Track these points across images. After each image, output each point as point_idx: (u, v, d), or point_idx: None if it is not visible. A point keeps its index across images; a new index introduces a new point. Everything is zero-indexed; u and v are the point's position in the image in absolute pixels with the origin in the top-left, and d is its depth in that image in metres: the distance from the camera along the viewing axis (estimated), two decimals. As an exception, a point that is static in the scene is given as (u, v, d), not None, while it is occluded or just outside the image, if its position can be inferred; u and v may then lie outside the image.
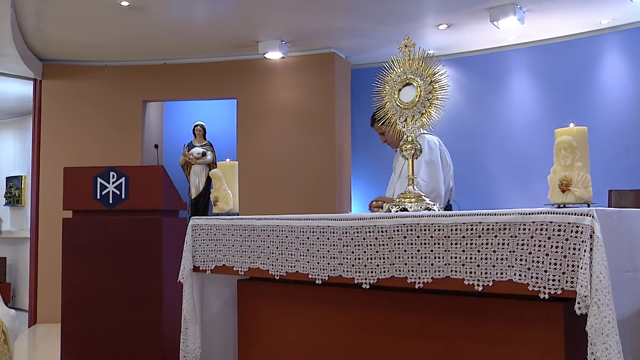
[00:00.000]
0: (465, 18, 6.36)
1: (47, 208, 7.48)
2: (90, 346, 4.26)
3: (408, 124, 3.26)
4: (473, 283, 2.42)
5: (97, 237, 4.40)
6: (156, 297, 4.29)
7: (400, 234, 2.62)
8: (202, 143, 7.97)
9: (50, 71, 7.69)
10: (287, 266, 3.05)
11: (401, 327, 2.81)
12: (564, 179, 2.31)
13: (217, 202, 3.49)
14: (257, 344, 3.39)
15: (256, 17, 6.32)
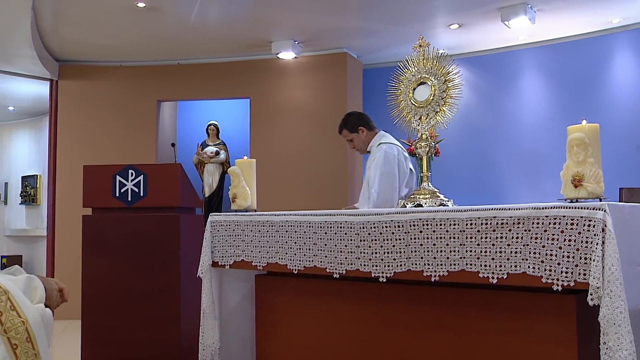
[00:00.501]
0: (476, 18, 6.41)
1: (64, 206, 7.59)
2: (110, 340, 4.34)
3: (423, 122, 3.34)
4: (488, 276, 2.49)
5: (116, 234, 4.48)
6: (174, 292, 4.36)
7: (417, 228, 2.69)
8: (215, 142, 8.06)
9: (66, 71, 7.80)
10: (305, 261, 3.12)
11: (416, 320, 2.88)
12: (577, 175, 2.38)
13: (236, 199, 3.57)
14: (274, 337, 3.47)
15: (269, 18, 6.40)
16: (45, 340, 1.90)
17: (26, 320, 1.83)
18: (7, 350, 1.76)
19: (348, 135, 4.46)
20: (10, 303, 1.81)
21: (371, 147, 4.42)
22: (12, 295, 1.82)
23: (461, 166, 7.32)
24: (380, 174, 4.19)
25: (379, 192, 4.16)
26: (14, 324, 1.80)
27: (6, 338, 1.77)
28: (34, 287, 2.00)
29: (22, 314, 1.82)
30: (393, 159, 4.25)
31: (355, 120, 4.48)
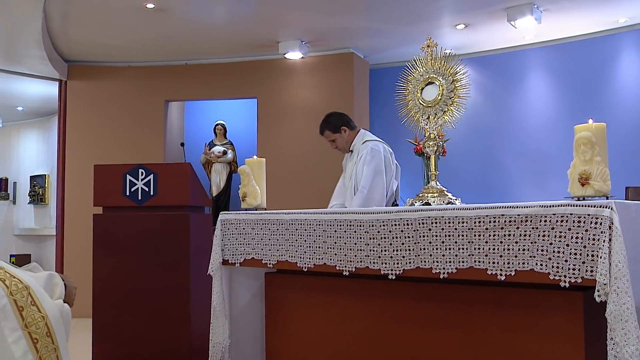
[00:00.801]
0: (482, 18, 6.44)
1: (73, 205, 7.65)
2: (120, 338, 4.38)
3: (431, 122, 3.38)
4: (496, 273, 2.53)
5: (126, 232, 4.52)
6: (184, 290, 4.41)
7: (425, 226, 2.73)
8: (222, 142, 8.11)
9: (75, 72, 7.86)
10: (314, 258, 3.16)
11: (425, 317, 2.92)
12: (584, 173, 2.42)
13: (246, 198, 3.61)
14: (284, 334, 3.51)
15: (276, 18, 6.45)
16: (64, 335, 1.95)
17: (46, 315, 1.87)
18: (28, 344, 1.81)
19: (331, 136, 4.54)
20: (31, 298, 1.85)
21: (354, 146, 4.54)
22: (32, 290, 1.87)
23: (467, 165, 7.35)
24: (369, 170, 4.32)
25: (368, 187, 4.29)
26: (35, 319, 1.84)
27: (27, 333, 1.82)
28: (55, 284, 2.05)
29: (42, 309, 1.87)
30: (380, 155, 4.41)
31: (337, 120, 4.55)
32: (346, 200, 4.52)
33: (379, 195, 4.30)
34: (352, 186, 4.45)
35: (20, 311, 1.82)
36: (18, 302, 1.82)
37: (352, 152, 4.57)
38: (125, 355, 4.39)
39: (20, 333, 1.80)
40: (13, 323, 1.80)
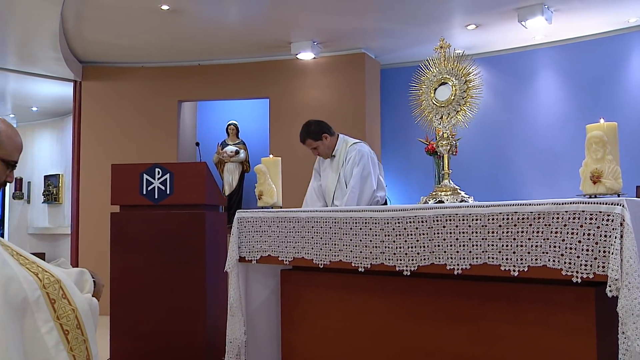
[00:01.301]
0: (493, 18, 6.48)
1: (87, 204, 7.75)
2: (138, 333, 4.45)
3: (444, 122, 3.44)
4: (509, 269, 2.59)
5: (143, 231, 4.59)
6: (200, 287, 4.48)
7: (440, 223, 2.80)
8: (235, 142, 8.19)
9: (89, 73, 7.96)
10: (330, 255, 3.23)
11: (439, 312, 2.98)
12: (595, 171, 2.48)
13: (262, 196, 3.69)
14: (299, 330, 3.58)
15: (289, 19, 6.51)
16: (92, 327, 2.02)
17: (76, 308, 1.95)
18: (59, 335, 1.88)
19: (313, 144, 4.65)
20: (62, 292, 1.93)
21: (336, 151, 4.68)
22: (63, 284, 1.94)
23: (478, 165, 7.39)
24: (359, 170, 4.47)
25: (360, 187, 4.44)
26: (66, 311, 1.92)
27: (59, 324, 1.89)
28: (85, 280, 2.13)
29: (73, 302, 1.94)
30: (367, 156, 4.56)
31: (317, 128, 4.65)
32: (334, 200, 4.64)
33: (369, 193, 4.47)
34: (339, 188, 4.60)
35: (52, 303, 1.89)
36: (50, 294, 1.89)
37: (333, 157, 4.67)
38: (142, 351, 4.47)
39: (53, 324, 1.88)
40: (46, 315, 1.87)
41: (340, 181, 4.59)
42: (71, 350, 1.91)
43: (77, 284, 2.05)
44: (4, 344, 1.74)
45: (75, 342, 1.94)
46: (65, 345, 1.89)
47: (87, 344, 1.98)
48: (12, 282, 1.82)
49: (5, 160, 2.08)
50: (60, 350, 1.87)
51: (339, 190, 4.60)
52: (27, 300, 1.84)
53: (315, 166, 4.90)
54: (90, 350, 2.00)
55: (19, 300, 1.82)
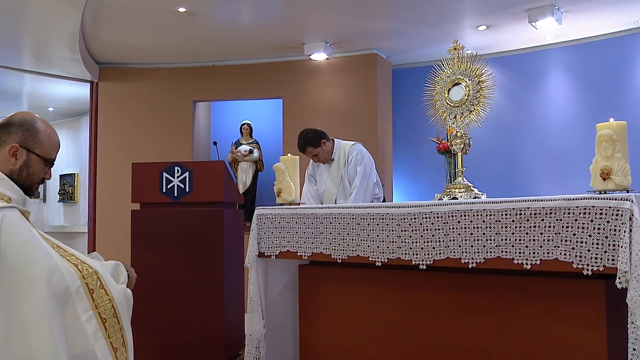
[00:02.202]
0: (504, 19, 6.56)
1: (104, 203, 7.89)
2: (158, 328, 4.56)
3: (457, 121, 3.54)
4: (522, 262, 2.69)
5: (163, 228, 4.71)
6: (218, 283, 4.59)
7: (455, 219, 2.90)
8: (248, 141, 8.30)
9: (106, 73, 8.11)
10: (348, 250, 3.34)
11: (453, 305, 3.08)
12: (605, 168, 2.58)
13: (281, 193, 3.80)
14: (317, 324, 3.68)
15: (302, 21, 6.62)
16: (127, 316, 2.14)
17: (112, 298, 2.07)
18: (98, 323, 2.00)
19: (313, 151, 4.82)
20: (100, 282, 2.04)
21: (335, 154, 4.87)
22: (100, 275, 2.06)
23: (489, 163, 7.47)
24: (362, 168, 4.72)
25: (365, 185, 4.68)
26: (103, 301, 2.03)
27: (97, 313, 2.01)
28: (120, 272, 2.25)
29: (109, 292, 2.06)
30: (367, 155, 4.85)
31: (315, 135, 4.81)
32: (336, 201, 4.82)
33: (371, 190, 4.73)
34: (341, 188, 4.80)
35: (91, 293, 2.01)
36: (89, 285, 2.01)
37: (332, 161, 4.82)
38: (162, 345, 4.58)
39: (92, 313, 1.99)
40: (85, 304, 1.99)
41: (344, 181, 4.79)
42: (109, 337, 2.02)
43: (112, 275, 2.17)
44: (49, 331, 1.86)
45: (112, 329, 2.05)
46: (103, 333, 2.00)
47: (122, 331, 2.10)
48: (55, 272, 1.94)
49: (45, 158, 2.20)
50: (99, 337, 1.99)
51: (342, 190, 4.79)
52: (69, 290, 1.95)
53: (309, 172, 5.07)
54: (125, 338, 2.12)
55: (61, 290, 1.93)
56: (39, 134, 2.20)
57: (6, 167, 2.11)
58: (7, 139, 2.15)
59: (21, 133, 2.16)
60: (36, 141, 2.18)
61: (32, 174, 2.18)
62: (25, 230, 1.96)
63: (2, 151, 2.13)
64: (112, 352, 2.03)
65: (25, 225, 1.99)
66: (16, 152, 2.13)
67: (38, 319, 1.86)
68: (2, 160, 2.12)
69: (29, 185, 2.18)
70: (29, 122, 2.20)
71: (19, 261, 1.88)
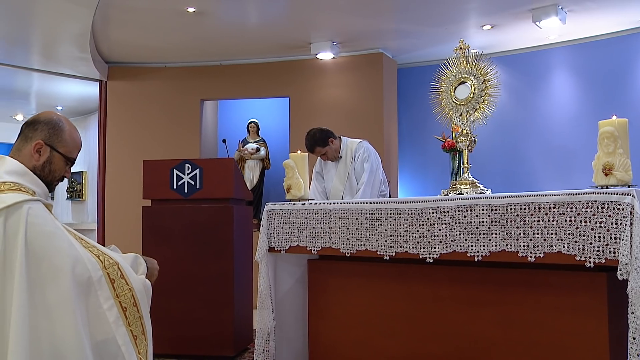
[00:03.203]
0: (508, 19, 6.63)
1: (113, 200, 7.99)
2: (168, 321, 4.65)
3: (463, 119, 3.63)
4: (526, 255, 2.78)
5: (174, 223, 4.82)
6: (228, 277, 4.69)
7: (461, 213, 3.00)
8: (255, 139, 8.38)
9: (115, 73, 8.20)
10: (357, 245, 3.43)
11: (459, 297, 3.18)
12: (607, 164, 2.66)
13: (290, 189, 3.89)
14: (326, 317, 3.77)
15: (308, 20, 6.70)
16: (146, 305, 2.23)
17: (132, 288, 2.16)
18: (119, 311, 2.09)
19: (322, 150, 4.91)
20: (120, 272, 2.14)
21: (342, 152, 4.97)
22: (121, 266, 2.15)
23: (493, 161, 7.54)
24: (369, 165, 4.82)
25: (372, 181, 4.78)
26: (123, 290, 2.13)
27: (118, 302, 2.10)
28: (139, 263, 2.35)
29: (129, 282, 2.16)
30: (373, 151, 4.96)
31: (322, 135, 4.91)
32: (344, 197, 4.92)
33: (377, 186, 4.83)
34: (348, 185, 4.91)
35: (112, 283, 2.10)
36: (110, 275, 2.10)
37: (340, 158, 4.92)
38: (173, 338, 4.68)
39: (113, 302, 2.09)
40: (107, 293, 2.08)
41: (350, 178, 4.88)
42: (129, 325, 2.12)
43: (132, 267, 2.26)
44: (73, 319, 1.95)
45: (132, 318, 2.15)
46: (123, 321, 2.09)
47: (142, 320, 2.19)
48: (79, 262, 2.03)
49: (66, 156, 2.30)
50: (120, 325, 2.08)
51: (349, 187, 4.89)
52: (91, 280, 2.05)
53: (316, 169, 5.16)
54: (145, 326, 2.22)
55: (84, 279, 2.03)
56: (63, 133, 2.29)
57: (30, 162, 2.20)
58: (33, 135, 2.24)
59: (47, 131, 2.26)
60: (60, 140, 2.28)
61: (53, 171, 2.27)
62: (50, 222, 2.04)
63: (27, 147, 2.22)
64: (132, 340, 2.12)
65: (50, 217, 2.08)
66: (40, 149, 2.22)
67: (63, 308, 1.95)
68: (26, 156, 2.21)
69: (49, 182, 2.27)
70: (55, 121, 2.29)
71: (44, 252, 1.97)
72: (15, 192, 2.03)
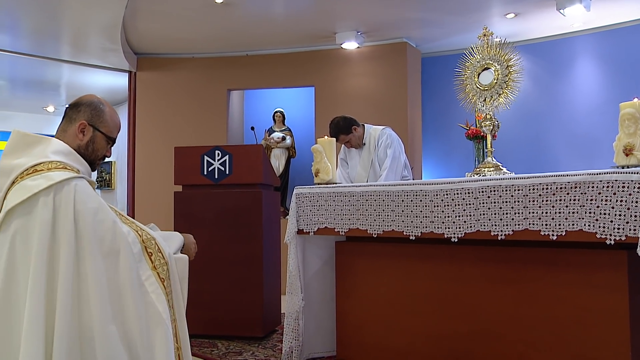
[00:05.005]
0: (532, 7, 6.66)
1: (143, 188, 8.19)
2: (200, 303, 4.78)
3: (487, 104, 3.72)
4: (548, 233, 2.88)
5: (205, 208, 4.96)
6: (257, 260, 4.82)
7: (485, 194, 3.10)
8: (281, 128, 8.51)
9: (143, 63, 8.38)
10: (383, 226, 3.55)
11: (483, 276, 3.28)
12: (628, 145, 2.74)
13: (319, 173, 4.01)
14: (353, 296, 3.90)
15: (333, 10, 6.79)
16: (177, 281, 2.36)
17: (167, 261, 2.30)
18: (157, 282, 2.23)
19: (345, 138, 5.04)
20: (157, 247, 2.28)
21: (366, 139, 5.09)
22: (157, 241, 2.29)
23: (517, 149, 7.57)
24: (392, 151, 4.94)
25: (395, 166, 4.90)
26: (161, 263, 2.27)
27: (156, 273, 2.24)
28: (175, 240, 2.50)
29: (165, 256, 2.29)
30: (396, 138, 5.07)
31: (346, 123, 5.03)
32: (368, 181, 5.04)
33: (400, 171, 4.96)
34: (372, 171, 5.03)
35: (150, 256, 2.24)
36: (148, 248, 2.24)
37: (364, 145, 5.04)
38: (205, 319, 4.83)
39: (151, 273, 2.23)
40: (145, 265, 2.22)
41: (374, 165, 4.99)
42: (167, 294, 2.26)
43: (167, 242, 2.41)
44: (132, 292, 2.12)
45: (169, 289, 2.29)
46: (162, 290, 2.23)
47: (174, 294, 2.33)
48: (121, 236, 2.18)
49: (108, 136, 2.45)
50: (159, 294, 2.22)
51: (372, 174, 5.00)
52: (132, 252, 2.19)
53: (341, 156, 5.28)
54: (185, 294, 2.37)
55: (126, 252, 2.17)
56: (104, 114, 2.44)
57: (74, 142, 2.35)
58: (76, 116, 2.39)
59: (89, 112, 2.41)
60: (102, 120, 2.43)
61: (96, 150, 2.42)
62: (95, 198, 2.18)
63: (72, 128, 2.37)
64: (171, 307, 2.27)
65: (94, 193, 2.22)
66: (84, 129, 2.37)
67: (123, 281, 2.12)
68: (71, 136, 2.36)
69: (92, 160, 2.42)
70: (96, 103, 2.45)
71: (90, 226, 2.10)
72: (61, 170, 2.16)
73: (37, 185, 2.07)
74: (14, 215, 2.07)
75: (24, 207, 2.06)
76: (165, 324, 2.18)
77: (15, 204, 2.06)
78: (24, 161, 2.17)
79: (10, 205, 2.07)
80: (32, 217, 2.05)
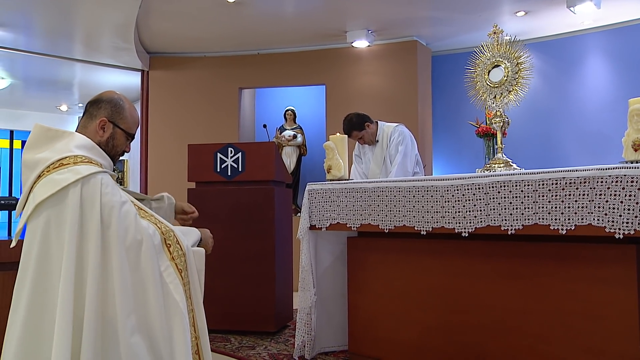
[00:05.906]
0: (542, 5, 6.68)
1: (156, 185, 8.27)
2: (213, 299, 4.81)
3: (497, 101, 3.76)
4: (557, 228, 2.92)
5: (218, 205, 5.02)
6: (269, 256, 4.88)
7: (495, 189, 3.14)
8: (292, 126, 8.57)
9: (156, 62, 8.47)
10: (395, 221, 3.60)
11: (493, 270, 3.32)
12: (637, 140, 2.78)
13: (331, 170, 4.07)
14: (364, 291, 3.95)
15: (344, 9, 6.84)
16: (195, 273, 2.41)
17: (185, 253, 2.36)
18: (175, 272, 2.29)
19: (358, 135, 5.08)
20: (176, 239, 2.34)
21: (379, 136, 5.14)
22: (176, 233, 2.36)
23: (527, 147, 7.59)
24: (403, 148, 4.99)
25: (405, 162, 4.95)
26: (179, 254, 2.33)
27: (174, 264, 2.30)
28: (193, 234, 2.56)
29: (183, 247, 2.36)
30: (408, 135, 5.11)
31: (359, 119, 5.08)
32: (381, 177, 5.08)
33: (411, 168, 5.00)
34: (384, 167, 5.08)
35: (168, 247, 2.31)
36: (167, 240, 2.31)
37: (377, 142, 5.08)
38: (218, 314, 4.88)
39: (169, 263, 2.29)
40: (164, 256, 2.29)
41: (387, 161, 5.04)
42: (184, 285, 2.32)
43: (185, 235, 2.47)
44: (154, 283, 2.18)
45: (186, 280, 2.35)
46: (180, 281, 2.29)
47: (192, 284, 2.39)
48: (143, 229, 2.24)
49: (127, 132, 2.52)
50: (177, 284, 2.28)
51: (384, 171, 5.06)
52: (153, 244, 2.25)
53: (355, 152, 5.34)
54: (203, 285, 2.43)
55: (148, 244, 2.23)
56: (124, 111, 2.51)
57: (95, 137, 2.41)
58: (97, 113, 2.46)
59: (109, 109, 2.48)
60: (121, 117, 2.50)
61: (116, 146, 2.49)
62: (119, 192, 2.25)
63: (92, 124, 2.44)
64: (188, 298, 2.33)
65: (117, 187, 2.29)
66: (104, 125, 2.44)
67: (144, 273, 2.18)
68: (92, 132, 2.43)
69: (112, 156, 2.48)
70: (116, 99, 2.52)
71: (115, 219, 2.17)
72: (87, 164, 2.23)
73: (65, 179, 2.13)
74: (42, 207, 2.13)
75: (52, 200, 2.12)
76: (182, 312, 2.23)
77: (45, 198, 2.12)
78: (48, 155, 2.23)
79: (39, 198, 2.12)
80: (62, 208, 2.12)
